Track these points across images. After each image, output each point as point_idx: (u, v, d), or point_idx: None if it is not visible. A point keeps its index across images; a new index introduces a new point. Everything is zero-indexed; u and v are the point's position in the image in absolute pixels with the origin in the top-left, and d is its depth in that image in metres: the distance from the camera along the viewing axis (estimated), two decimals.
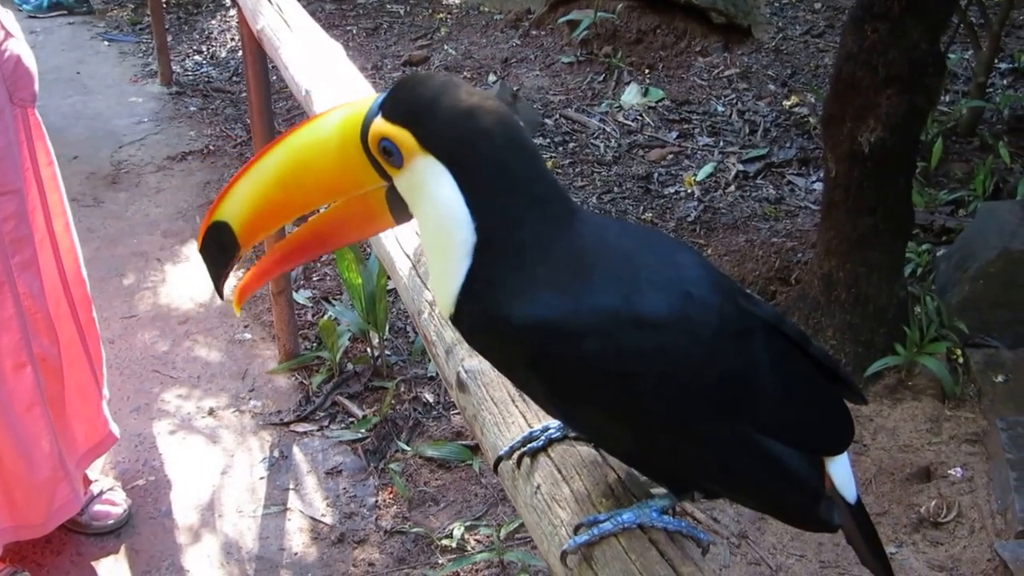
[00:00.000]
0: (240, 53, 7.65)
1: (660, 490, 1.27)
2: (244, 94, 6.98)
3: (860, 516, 1.34)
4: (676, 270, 1.22)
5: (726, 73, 6.68)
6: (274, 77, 3.94)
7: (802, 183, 5.52)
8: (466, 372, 1.54)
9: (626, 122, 6.17)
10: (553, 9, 7.33)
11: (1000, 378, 4.09)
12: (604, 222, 1.29)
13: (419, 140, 1.19)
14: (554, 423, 1.40)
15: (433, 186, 1.19)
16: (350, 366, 4.35)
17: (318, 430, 4.07)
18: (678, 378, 1.17)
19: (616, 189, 5.55)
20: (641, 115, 6.22)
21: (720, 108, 6.30)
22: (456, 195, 1.18)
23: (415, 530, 3.56)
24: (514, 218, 1.18)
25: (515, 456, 1.40)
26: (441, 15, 8.04)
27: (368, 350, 4.40)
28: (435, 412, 4.12)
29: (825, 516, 1.26)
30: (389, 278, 4.54)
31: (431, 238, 1.24)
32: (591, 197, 5.50)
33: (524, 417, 1.44)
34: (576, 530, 1.24)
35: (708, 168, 5.64)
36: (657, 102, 6.34)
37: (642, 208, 5.38)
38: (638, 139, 6.00)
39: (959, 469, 3.76)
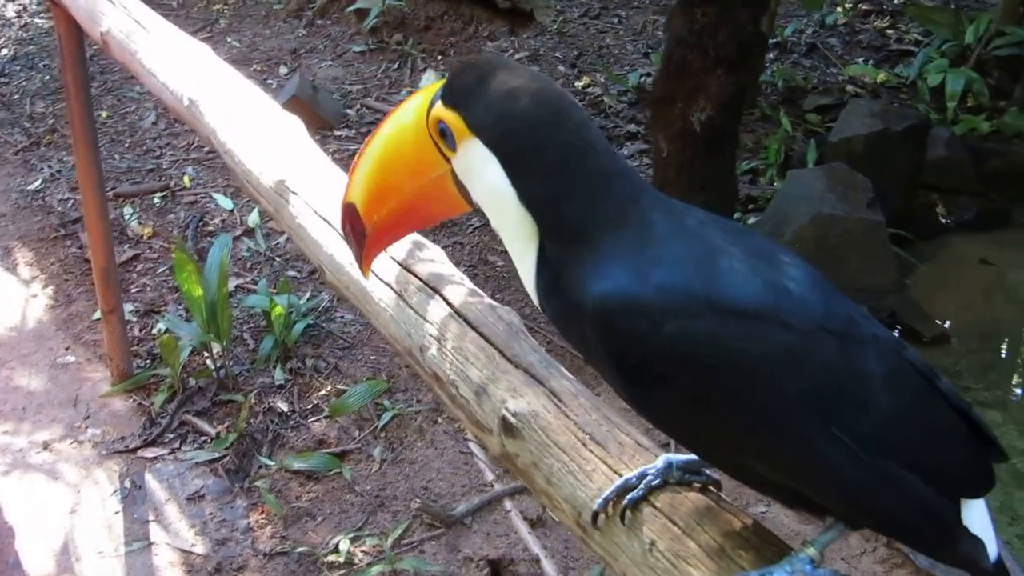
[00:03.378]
0: (5, 52, 6.83)
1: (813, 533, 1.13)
2: (16, 96, 6.25)
3: None
4: (770, 265, 1.11)
5: (516, 57, 6.58)
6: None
7: None
8: (514, 415, 1.32)
9: None
10: None
11: None
12: (683, 208, 1.17)
13: (467, 123, 1.17)
14: (651, 468, 1.22)
15: (481, 170, 1.17)
16: (192, 381, 3.94)
17: (169, 453, 3.67)
18: (769, 371, 1.05)
19: None
20: None
21: None
22: (502, 179, 1.15)
23: (298, 550, 3.27)
24: (567, 198, 1.13)
25: (615, 509, 1.20)
26: (218, 6, 7.48)
27: (208, 363, 4.00)
28: (292, 421, 3.80)
29: (971, 554, 1.12)
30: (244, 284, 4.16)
31: (496, 223, 1.21)
32: None
33: (604, 463, 1.25)
34: None
35: None
36: None
37: None
38: None
39: None
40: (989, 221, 5.62)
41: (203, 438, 3.72)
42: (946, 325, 4.84)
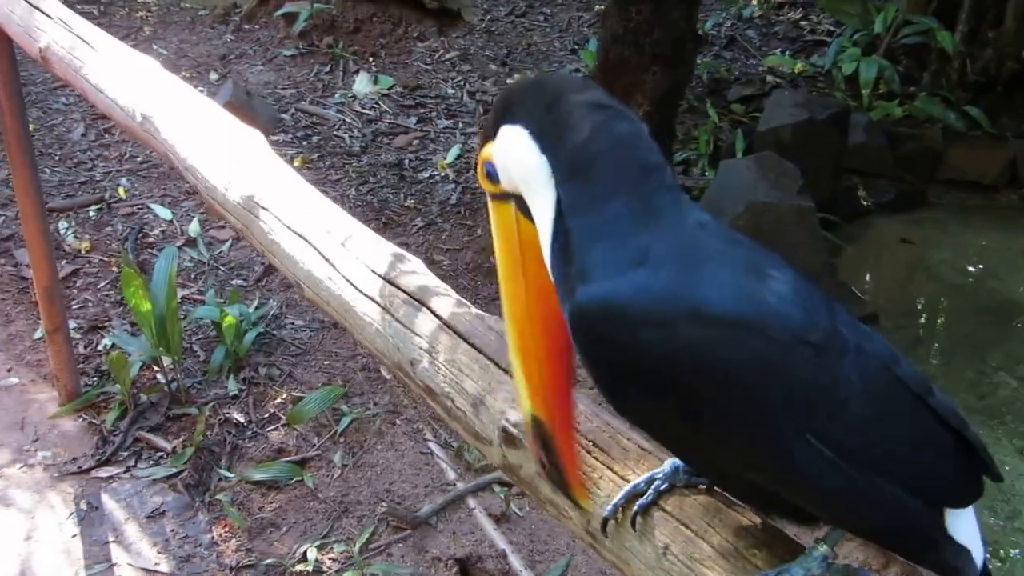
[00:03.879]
0: None
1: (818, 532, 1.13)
2: None
3: None
4: (756, 276, 1.07)
5: (447, 56, 6.54)
6: None
7: None
8: (515, 426, 1.29)
9: (364, 111, 5.88)
10: (264, 2, 6.84)
11: None
12: (688, 204, 1.12)
13: (492, 134, 1.17)
14: (659, 472, 1.20)
15: (508, 150, 1.15)
16: (143, 397, 3.83)
17: (125, 472, 3.55)
18: (748, 380, 1.03)
19: (372, 179, 5.27)
20: (377, 103, 5.95)
21: (450, 90, 6.15)
22: (520, 135, 1.13)
23: (265, 562, 3.19)
24: (569, 127, 1.11)
25: (625, 515, 1.19)
26: (141, 13, 7.28)
27: (159, 377, 3.90)
28: (250, 432, 3.72)
29: (954, 562, 1.10)
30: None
31: (529, 200, 1.16)
32: (349, 190, 5.20)
33: (610, 468, 1.22)
34: None
35: (455, 150, 5.50)
36: (389, 89, 6.09)
37: (402, 195, 5.15)
38: (380, 127, 5.74)
39: None
40: (907, 202, 5.78)
41: (159, 454, 3.61)
42: (866, 299, 4.96)
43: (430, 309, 1.48)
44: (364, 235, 1.67)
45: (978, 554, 1.12)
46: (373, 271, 1.58)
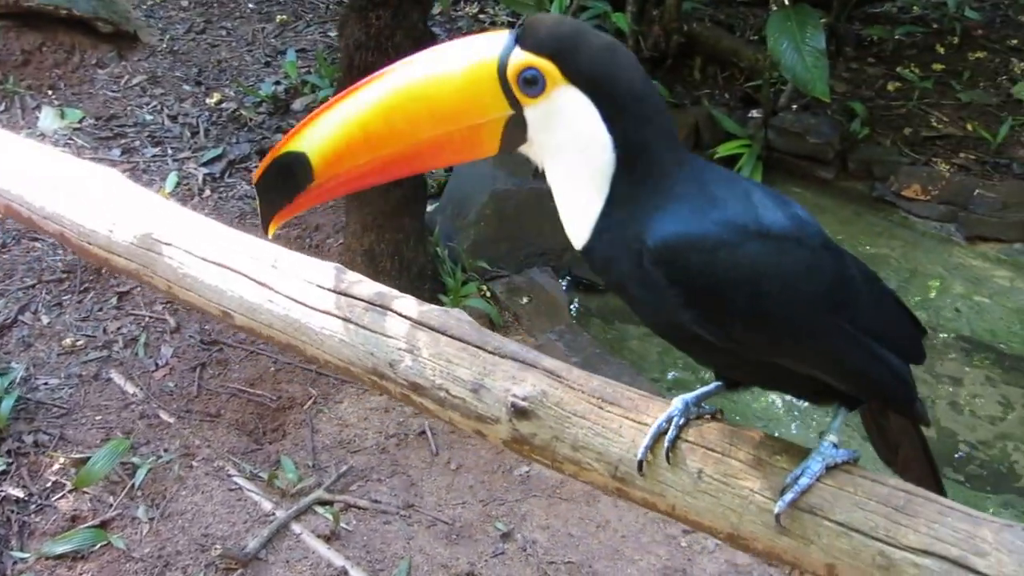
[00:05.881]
0: None
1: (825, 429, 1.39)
2: None
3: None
4: (783, 204, 1.37)
5: (134, 81, 6.27)
6: None
7: None
8: (524, 399, 1.44)
9: (58, 148, 5.53)
10: None
11: (524, 300, 4.62)
12: (703, 161, 1.39)
13: (563, 72, 1.30)
14: (674, 410, 1.40)
15: (574, 115, 1.31)
16: None
17: None
18: (798, 280, 1.32)
19: None
20: (71, 138, 5.62)
21: (148, 116, 5.93)
22: (598, 123, 1.30)
23: None
24: (649, 145, 1.31)
25: (656, 453, 1.38)
26: None
27: None
28: (34, 505, 3.48)
29: (923, 412, 1.47)
30: None
31: (567, 169, 1.34)
32: None
33: (626, 418, 1.41)
34: (782, 492, 1.30)
35: (173, 177, 5.34)
36: (80, 122, 5.77)
37: None
38: None
39: None
40: None
41: None
42: None
43: (396, 312, 1.58)
44: (290, 256, 1.72)
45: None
46: (320, 286, 1.65)
